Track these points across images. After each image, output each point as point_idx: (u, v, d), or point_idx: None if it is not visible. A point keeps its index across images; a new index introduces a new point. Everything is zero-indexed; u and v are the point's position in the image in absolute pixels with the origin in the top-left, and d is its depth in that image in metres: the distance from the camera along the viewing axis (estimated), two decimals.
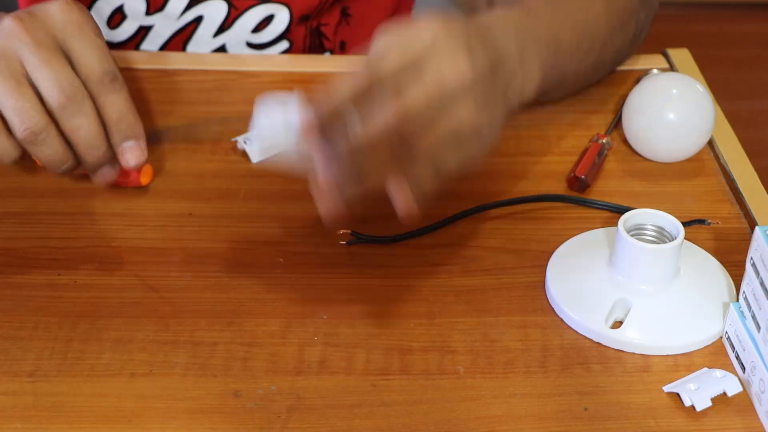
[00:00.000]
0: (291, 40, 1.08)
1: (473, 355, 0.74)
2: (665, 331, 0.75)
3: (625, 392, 0.71)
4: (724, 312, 0.76)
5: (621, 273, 0.76)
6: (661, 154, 0.91)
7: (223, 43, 1.07)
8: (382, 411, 0.70)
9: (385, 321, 0.77)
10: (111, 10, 1.05)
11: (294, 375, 0.73)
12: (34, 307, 0.77)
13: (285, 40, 1.07)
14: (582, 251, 0.81)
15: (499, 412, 0.70)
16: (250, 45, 1.08)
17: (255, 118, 0.73)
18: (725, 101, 0.92)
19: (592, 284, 0.78)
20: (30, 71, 0.74)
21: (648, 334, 0.75)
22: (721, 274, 0.79)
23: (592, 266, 0.79)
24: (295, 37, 1.08)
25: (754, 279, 0.71)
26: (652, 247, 0.75)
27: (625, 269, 0.76)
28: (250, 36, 1.07)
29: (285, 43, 1.08)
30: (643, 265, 0.76)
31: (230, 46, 1.08)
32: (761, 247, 0.71)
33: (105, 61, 0.76)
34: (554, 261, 0.80)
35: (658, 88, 0.91)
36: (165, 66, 1.02)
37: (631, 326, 0.75)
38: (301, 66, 1.04)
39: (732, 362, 0.74)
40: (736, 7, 2.90)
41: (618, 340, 0.74)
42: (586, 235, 0.83)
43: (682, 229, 0.76)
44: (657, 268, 0.76)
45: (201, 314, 0.77)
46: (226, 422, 0.69)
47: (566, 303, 0.77)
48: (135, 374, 0.72)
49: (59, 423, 0.69)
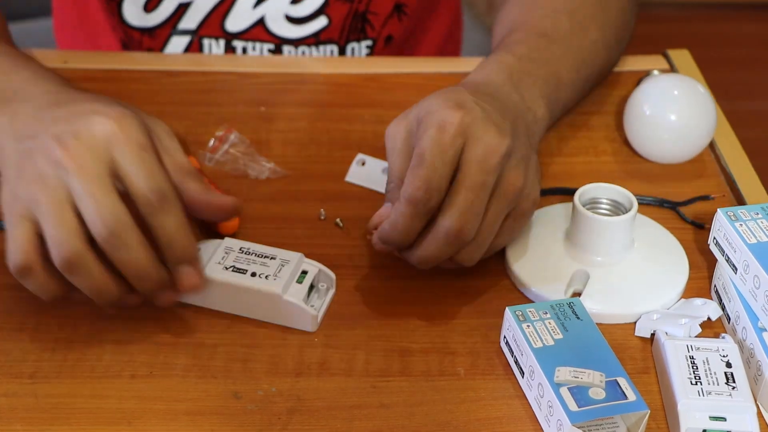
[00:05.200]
0: (330, 17, 1.07)
1: (473, 356, 0.74)
2: (623, 300, 0.78)
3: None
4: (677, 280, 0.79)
5: (577, 246, 0.79)
6: (663, 156, 0.92)
7: (263, 14, 1.06)
8: (382, 412, 0.70)
9: (385, 322, 0.77)
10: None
11: (294, 376, 0.73)
12: (34, 308, 0.77)
13: (323, 15, 1.07)
14: (540, 227, 0.83)
15: (500, 414, 0.71)
16: (288, 18, 1.06)
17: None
18: (725, 101, 0.92)
19: (551, 258, 0.80)
20: (75, 199, 0.69)
21: (605, 304, 0.77)
22: (675, 244, 0.82)
23: (550, 240, 0.81)
24: (335, 14, 1.07)
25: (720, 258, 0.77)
26: (606, 220, 0.78)
27: (581, 242, 0.79)
28: (289, 8, 1.06)
29: (323, 19, 1.07)
30: (597, 237, 0.78)
31: (269, 18, 1.06)
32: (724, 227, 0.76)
33: (152, 179, 0.70)
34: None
35: (659, 90, 0.91)
36: (165, 67, 1.02)
37: (590, 297, 0.77)
38: (302, 67, 1.04)
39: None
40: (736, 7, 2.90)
41: None
42: (544, 210, 0.85)
43: (635, 202, 0.78)
44: (612, 240, 0.78)
45: (201, 316, 0.77)
46: (226, 424, 0.69)
47: (528, 278, 0.79)
48: (135, 376, 0.72)
49: (59, 424, 0.69)
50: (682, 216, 0.85)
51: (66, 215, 0.68)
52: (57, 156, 0.69)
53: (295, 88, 1.01)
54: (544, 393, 0.68)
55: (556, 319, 0.72)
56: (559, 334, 0.71)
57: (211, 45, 1.07)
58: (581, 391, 0.67)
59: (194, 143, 0.91)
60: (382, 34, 1.09)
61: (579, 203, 0.78)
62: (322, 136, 0.94)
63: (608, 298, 0.77)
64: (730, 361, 0.70)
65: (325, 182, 0.89)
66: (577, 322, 0.72)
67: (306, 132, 0.95)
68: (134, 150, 0.70)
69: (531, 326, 0.72)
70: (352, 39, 1.08)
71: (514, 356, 0.72)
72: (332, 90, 1.01)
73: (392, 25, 1.09)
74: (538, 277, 0.79)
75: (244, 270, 0.76)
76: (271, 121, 0.96)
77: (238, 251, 0.77)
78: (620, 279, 0.78)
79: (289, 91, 1.01)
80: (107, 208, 0.68)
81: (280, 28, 1.07)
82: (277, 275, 0.75)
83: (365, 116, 0.96)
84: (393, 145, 0.77)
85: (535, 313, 0.73)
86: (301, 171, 0.90)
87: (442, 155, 0.73)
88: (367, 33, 1.09)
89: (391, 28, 1.09)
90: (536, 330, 0.72)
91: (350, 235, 0.84)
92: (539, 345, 0.71)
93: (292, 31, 1.07)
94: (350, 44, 1.09)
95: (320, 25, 1.07)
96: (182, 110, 0.96)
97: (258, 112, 0.97)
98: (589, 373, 0.68)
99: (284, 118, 0.97)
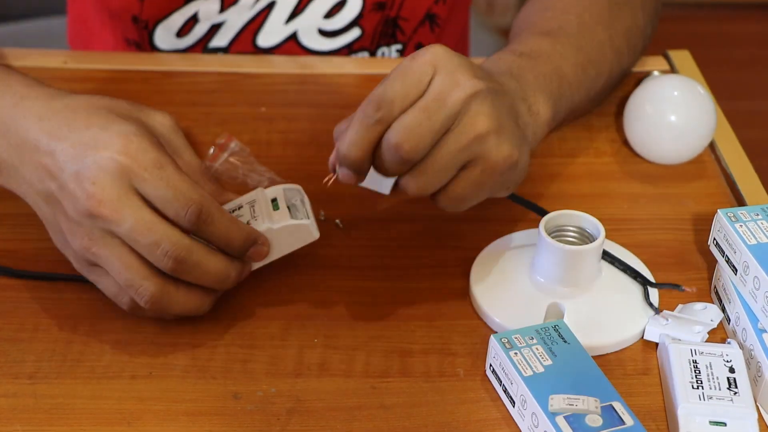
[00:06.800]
0: (363, 28, 1.07)
1: (473, 357, 0.74)
2: (604, 329, 0.75)
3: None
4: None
5: (545, 276, 0.76)
6: (663, 156, 0.91)
7: (295, 30, 1.06)
8: (382, 413, 0.70)
9: (385, 323, 0.77)
10: (184, 20, 1.04)
11: (294, 377, 0.73)
12: (34, 309, 0.76)
13: (357, 27, 1.06)
14: (505, 256, 0.80)
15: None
16: (321, 32, 1.06)
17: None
18: (725, 101, 0.92)
19: (517, 291, 0.77)
20: (125, 241, 0.71)
21: (587, 337, 0.73)
22: (637, 263, 0.80)
23: (515, 272, 0.78)
24: (367, 24, 1.06)
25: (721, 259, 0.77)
26: (572, 249, 0.75)
27: (548, 272, 0.76)
28: (322, 22, 1.05)
29: (357, 30, 1.06)
30: (565, 266, 0.76)
31: (302, 32, 1.06)
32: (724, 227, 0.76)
33: (181, 198, 0.71)
34: (476, 268, 0.80)
35: (659, 90, 0.91)
36: (165, 67, 1.02)
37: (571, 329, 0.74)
38: (302, 67, 1.04)
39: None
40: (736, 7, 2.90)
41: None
42: (506, 238, 0.82)
43: (602, 229, 0.76)
44: (582, 269, 0.76)
45: (201, 316, 0.76)
46: (225, 424, 0.69)
47: (496, 314, 0.76)
48: (135, 376, 0.72)
49: (59, 425, 0.69)
50: (647, 297, 0.79)
51: (125, 259, 0.71)
52: (85, 207, 0.70)
53: (296, 88, 1.01)
54: (539, 423, 0.67)
55: (543, 345, 0.71)
56: (548, 360, 0.70)
57: None
58: (577, 419, 0.65)
59: (194, 144, 0.91)
60: (413, 40, 1.09)
61: (544, 232, 0.76)
62: (322, 136, 0.94)
63: (588, 329, 0.74)
64: (734, 366, 0.70)
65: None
66: (564, 346, 0.71)
67: (306, 133, 0.95)
68: (152, 174, 0.71)
69: (519, 353, 0.70)
70: (383, 44, 1.08)
71: (503, 385, 0.71)
72: (333, 90, 1.01)
73: (423, 33, 1.09)
74: (507, 315, 0.76)
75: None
76: (272, 121, 0.96)
77: None
78: (592, 308, 0.76)
79: (290, 91, 1.01)
80: (157, 241, 0.70)
81: (312, 41, 1.07)
82: (255, 216, 0.76)
83: None
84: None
85: (521, 339, 0.71)
86: (301, 171, 0.90)
87: (403, 76, 0.71)
88: (397, 38, 1.09)
89: (422, 37, 1.09)
90: (524, 357, 0.70)
91: (350, 235, 0.84)
92: (529, 373, 0.69)
93: (324, 44, 1.07)
94: (381, 49, 1.09)
95: (353, 36, 1.07)
96: (182, 111, 0.96)
97: (258, 113, 0.97)
98: (584, 400, 0.66)
99: (284, 118, 0.97)
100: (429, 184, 0.71)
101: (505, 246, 0.81)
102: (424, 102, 0.70)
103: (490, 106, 0.72)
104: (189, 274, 0.72)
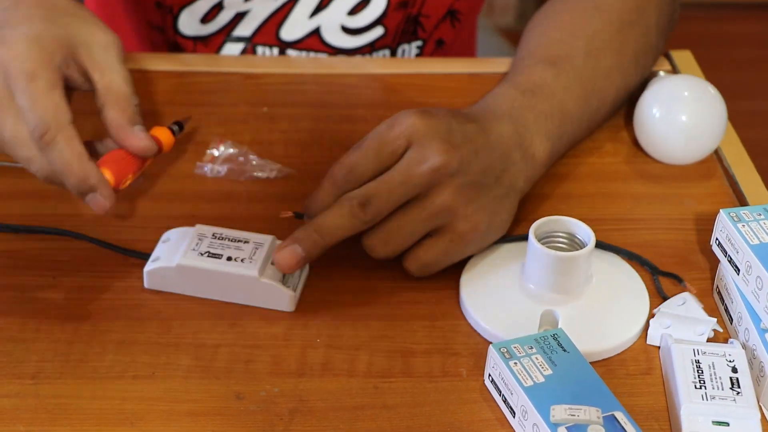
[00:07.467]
0: (386, 26, 1.07)
1: (476, 357, 0.74)
2: (599, 335, 0.75)
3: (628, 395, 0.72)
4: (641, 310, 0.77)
5: (536, 283, 0.76)
6: (674, 157, 0.91)
7: (318, 25, 1.05)
8: (385, 413, 0.70)
9: (387, 323, 0.77)
10: (210, 6, 1.05)
11: (296, 377, 0.72)
12: (36, 309, 0.76)
13: (380, 25, 1.06)
14: (494, 263, 0.80)
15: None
16: (344, 29, 1.06)
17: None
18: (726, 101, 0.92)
19: (507, 299, 0.77)
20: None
21: (583, 344, 0.72)
22: (632, 273, 0.80)
23: (504, 279, 0.78)
24: (390, 23, 1.06)
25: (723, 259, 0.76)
26: (562, 255, 0.75)
27: (539, 279, 0.76)
28: (346, 19, 1.05)
29: (380, 29, 1.06)
30: (555, 273, 0.75)
31: (325, 28, 1.06)
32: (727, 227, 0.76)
33: (33, 113, 0.71)
34: (465, 278, 0.79)
35: (670, 91, 0.90)
36: (166, 67, 1.02)
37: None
38: (304, 67, 1.04)
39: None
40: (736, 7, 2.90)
41: None
42: (493, 246, 0.81)
43: (592, 235, 0.75)
44: (570, 276, 0.75)
45: (203, 316, 0.76)
46: (228, 424, 0.69)
47: (488, 323, 0.76)
48: (137, 376, 0.72)
49: (62, 425, 0.69)
50: (657, 285, 0.81)
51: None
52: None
53: (298, 88, 1.01)
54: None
55: (542, 354, 0.70)
56: (548, 369, 0.69)
57: (264, 53, 1.07)
58: (580, 429, 0.65)
59: (195, 144, 0.91)
60: (433, 37, 1.09)
61: (534, 239, 0.75)
62: (324, 136, 0.94)
63: (584, 336, 0.74)
64: (737, 366, 0.70)
65: None
66: (564, 355, 0.70)
67: (309, 132, 0.95)
68: (21, 84, 0.71)
69: (518, 363, 0.69)
70: (404, 41, 1.08)
71: (502, 395, 0.70)
72: (335, 90, 1.01)
73: (444, 29, 1.09)
74: (500, 324, 0.75)
75: (219, 255, 0.76)
76: (274, 121, 0.96)
77: (212, 237, 0.78)
78: (586, 314, 0.76)
79: (292, 91, 1.01)
80: (29, 158, 0.72)
81: (335, 38, 1.07)
82: (252, 258, 0.76)
83: (368, 117, 0.96)
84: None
85: (520, 348, 0.70)
86: (304, 171, 0.90)
87: (378, 148, 0.75)
88: (418, 34, 1.09)
89: (443, 32, 1.09)
90: (524, 367, 0.69)
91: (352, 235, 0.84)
92: (530, 383, 0.68)
93: (347, 41, 1.07)
94: (401, 46, 1.09)
95: (376, 35, 1.07)
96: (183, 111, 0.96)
97: (261, 113, 0.97)
98: (586, 410, 0.66)
99: (287, 118, 0.97)
100: (389, 247, 0.76)
101: (493, 254, 0.81)
102: (389, 175, 0.74)
103: (461, 178, 0.75)
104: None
